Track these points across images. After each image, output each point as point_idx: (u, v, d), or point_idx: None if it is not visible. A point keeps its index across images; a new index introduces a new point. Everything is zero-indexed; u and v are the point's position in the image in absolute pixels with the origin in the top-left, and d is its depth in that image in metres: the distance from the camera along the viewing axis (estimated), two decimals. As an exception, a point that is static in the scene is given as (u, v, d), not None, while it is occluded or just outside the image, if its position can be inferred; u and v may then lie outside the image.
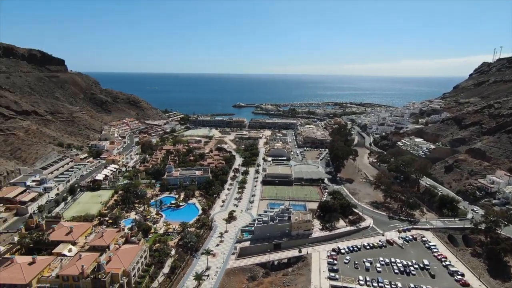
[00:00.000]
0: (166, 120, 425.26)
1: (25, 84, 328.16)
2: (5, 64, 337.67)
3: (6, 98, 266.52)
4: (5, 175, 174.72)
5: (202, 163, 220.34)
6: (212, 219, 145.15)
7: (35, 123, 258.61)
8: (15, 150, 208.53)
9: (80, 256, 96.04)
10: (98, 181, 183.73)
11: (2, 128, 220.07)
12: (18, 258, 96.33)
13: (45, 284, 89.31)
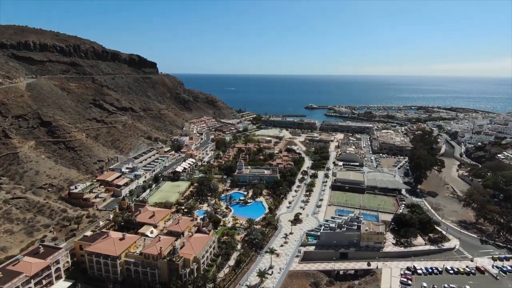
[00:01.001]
0: (239, 120, 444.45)
1: (125, 84, 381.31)
2: (111, 67, 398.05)
3: (111, 96, 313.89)
4: (106, 161, 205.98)
5: (271, 163, 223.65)
6: (277, 219, 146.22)
7: (131, 118, 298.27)
8: (115, 140, 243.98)
9: (159, 239, 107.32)
10: (178, 173, 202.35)
11: (106, 121, 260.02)
12: (112, 233, 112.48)
13: (131, 259, 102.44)
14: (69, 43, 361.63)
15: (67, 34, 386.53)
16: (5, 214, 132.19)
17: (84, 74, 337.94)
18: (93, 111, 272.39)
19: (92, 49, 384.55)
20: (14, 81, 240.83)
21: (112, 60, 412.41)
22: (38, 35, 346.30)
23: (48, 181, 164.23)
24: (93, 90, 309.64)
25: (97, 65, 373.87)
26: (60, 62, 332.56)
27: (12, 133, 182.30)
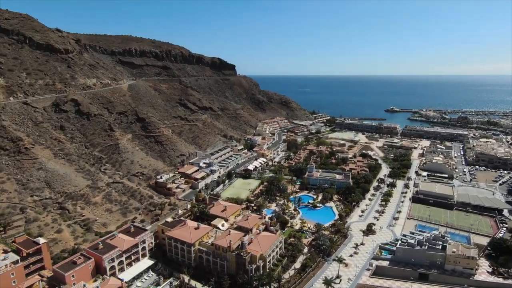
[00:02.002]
0: (312, 121, 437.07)
1: (206, 85, 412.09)
2: (195, 70, 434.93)
3: (194, 97, 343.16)
4: (187, 156, 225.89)
5: (343, 168, 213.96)
6: (348, 227, 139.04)
7: (210, 117, 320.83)
8: (195, 137, 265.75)
9: (229, 232, 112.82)
10: (249, 171, 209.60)
11: (189, 119, 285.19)
12: (189, 222, 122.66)
13: (203, 248, 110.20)
14: (163, 49, 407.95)
15: (161, 41, 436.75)
16: (107, 195, 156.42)
17: (173, 76, 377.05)
18: (178, 109, 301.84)
19: (180, 54, 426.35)
20: (119, 83, 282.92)
21: (196, 63, 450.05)
22: (139, 43, 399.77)
23: (140, 170, 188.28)
24: (179, 91, 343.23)
25: (184, 68, 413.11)
26: (155, 66, 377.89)
27: (116, 126, 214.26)
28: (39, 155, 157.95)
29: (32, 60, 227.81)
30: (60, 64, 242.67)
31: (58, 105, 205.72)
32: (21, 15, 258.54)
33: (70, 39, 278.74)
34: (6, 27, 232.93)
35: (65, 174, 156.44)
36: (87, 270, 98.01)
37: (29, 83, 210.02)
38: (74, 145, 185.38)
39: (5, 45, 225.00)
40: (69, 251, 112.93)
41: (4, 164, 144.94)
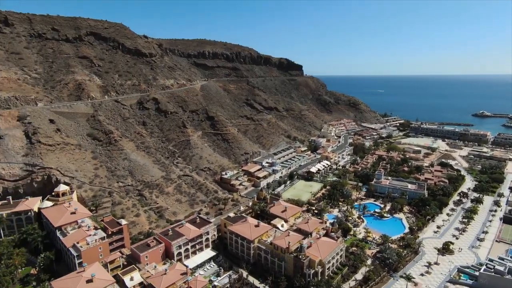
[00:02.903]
0: (383, 125, 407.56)
1: (273, 86, 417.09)
2: (263, 70, 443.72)
3: (260, 97, 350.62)
4: (251, 154, 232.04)
5: (417, 177, 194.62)
6: (419, 242, 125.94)
7: (275, 117, 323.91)
8: (259, 136, 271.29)
9: (289, 233, 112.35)
10: (312, 173, 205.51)
11: (254, 119, 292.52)
12: (249, 219, 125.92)
13: (262, 246, 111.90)
14: (233, 51, 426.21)
15: (232, 43, 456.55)
16: (177, 186, 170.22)
17: (241, 77, 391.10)
18: (245, 109, 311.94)
19: (249, 55, 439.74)
20: (193, 83, 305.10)
21: (264, 64, 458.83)
22: (212, 46, 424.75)
23: (207, 165, 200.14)
24: (246, 91, 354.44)
25: (252, 69, 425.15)
26: (225, 67, 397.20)
27: (188, 124, 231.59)
28: (125, 146, 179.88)
29: (123, 64, 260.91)
30: (145, 66, 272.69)
31: (142, 103, 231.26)
32: (116, 24, 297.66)
33: (154, 44, 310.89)
34: (105, 35, 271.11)
35: (144, 165, 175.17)
36: (158, 253, 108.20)
37: (120, 84, 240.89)
38: (152, 139, 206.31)
39: (104, 50, 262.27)
40: (144, 234, 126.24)
41: (98, 153, 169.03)
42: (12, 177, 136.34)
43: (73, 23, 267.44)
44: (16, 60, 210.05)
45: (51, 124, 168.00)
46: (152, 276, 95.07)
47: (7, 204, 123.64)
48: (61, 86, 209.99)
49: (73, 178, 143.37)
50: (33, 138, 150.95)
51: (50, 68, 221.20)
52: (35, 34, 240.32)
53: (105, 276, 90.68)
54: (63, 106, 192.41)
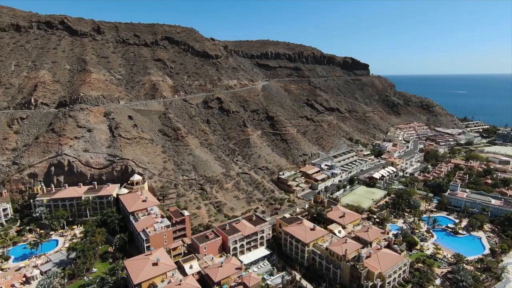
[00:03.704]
0: (462, 130, 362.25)
1: (335, 86, 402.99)
2: (326, 70, 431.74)
3: (321, 97, 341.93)
4: (309, 156, 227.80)
5: (503, 192, 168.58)
6: (504, 267, 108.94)
7: (336, 119, 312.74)
8: (319, 138, 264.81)
9: (346, 241, 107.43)
10: (374, 179, 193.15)
11: (314, 120, 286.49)
12: (305, 221, 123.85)
13: (317, 250, 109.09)
14: (295, 50, 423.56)
15: (294, 43, 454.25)
16: (236, 183, 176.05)
17: (302, 77, 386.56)
18: (305, 109, 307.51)
19: (312, 55, 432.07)
20: (254, 84, 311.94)
21: (327, 64, 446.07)
22: (275, 46, 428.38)
23: (265, 164, 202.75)
24: (307, 91, 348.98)
25: (314, 69, 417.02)
26: (287, 67, 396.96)
27: (248, 123, 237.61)
28: (190, 143, 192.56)
29: (192, 65, 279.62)
30: (211, 67, 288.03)
31: (207, 102, 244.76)
32: (188, 28, 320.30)
33: (220, 46, 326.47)
34: (177, 39, 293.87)
35: (206, 160, 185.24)
36: (215, 245, 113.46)
37: (188, 84, 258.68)
38: (215, 137, 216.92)
39: (176, 53, 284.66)
40: (203, 226, 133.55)
41: (167, 148, 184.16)
42: (98, 165, 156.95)
43: (151, 29, 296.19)
44: (105, 63, 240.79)
45: (129, 120, 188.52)
46: (209, 267, 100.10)
47: (93, 189, 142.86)
48: (139, 86, 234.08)
49: (145, 169, 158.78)
50: (115, 132, 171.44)
51: (131, 70, 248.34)
52: (120, 40, 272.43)
53: (169, 261, 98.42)
54: (140, 104, 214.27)
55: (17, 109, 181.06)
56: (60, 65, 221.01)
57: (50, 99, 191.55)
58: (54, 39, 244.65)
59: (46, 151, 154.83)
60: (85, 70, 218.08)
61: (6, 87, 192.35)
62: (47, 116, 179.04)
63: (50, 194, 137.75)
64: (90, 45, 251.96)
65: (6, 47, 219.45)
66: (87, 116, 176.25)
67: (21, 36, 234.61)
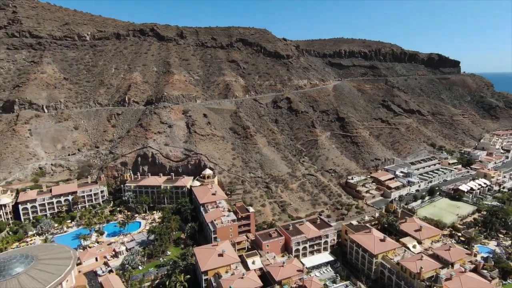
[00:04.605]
0: None
1: (417, 86, 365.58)
2: (406, 68, 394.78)
3: (399, 98, 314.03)
4: (382, 161, 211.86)
5: None
6: None
7: (416, 122, 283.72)
8: (395, 142, 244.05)
9: (421, 257, 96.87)
10: (461, 192, 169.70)
11: (390, 122, 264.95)
12: (374, 231, 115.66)
13: (387, 263, 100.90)
14: (372, 48, 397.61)
15: (371, 40, 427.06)
16: (301, 184, 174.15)
17: (379, 76, 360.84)
18: (380, 111, 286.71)
19: (391, 52, 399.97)
20: (325, 83, 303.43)
21: (408, 61, 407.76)
22: (349, 44, 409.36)
23: (333, 167, 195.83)
24: (384, 91, 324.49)
25: (392, 67, 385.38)
26: (361, 66, 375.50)
27: (317, 124, 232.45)
28: (258, 141, 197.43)
29: (263, 65, 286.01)
30: (281, 67, 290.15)
31: (276, 102, 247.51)
32: (261, 30, 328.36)
33: (291, 46, 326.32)
34: (250, 41, 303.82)
35: (273, 160, 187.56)
36: (278, 244, 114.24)
37: (259, 84, 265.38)
38: (282, 137, 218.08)
39: (248, 54, 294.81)
40: (267, 224, 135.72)
41: (236, 145, 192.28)
42: (175, 158, 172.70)
43: (227, 32, 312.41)
44: (185, 65, 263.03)
45: (204, 118, 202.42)
46: (271, 265, 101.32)
47: (170, 179, 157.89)
48: (214, 86, 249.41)
49: (216, 165, 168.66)
50: (191, 128, 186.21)
51: (207, 71, 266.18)
52: (199, 43, 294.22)
53: (233, 254, 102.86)
54: (214, 103, 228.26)
55: (115, 106, 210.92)
56: (149, 68, 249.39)
57: (140, 97, 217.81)
58: (145, 44, 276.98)
59: (135, 143, 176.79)
60: (169, 72, 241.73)
61: (108, 87, 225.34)
62: (137, 112, 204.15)
63: (136, 181, 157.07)
64: (174, 49, 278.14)
65: (108, 53, 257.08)
66: (168, 114, 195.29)
67: (120, 43, 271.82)
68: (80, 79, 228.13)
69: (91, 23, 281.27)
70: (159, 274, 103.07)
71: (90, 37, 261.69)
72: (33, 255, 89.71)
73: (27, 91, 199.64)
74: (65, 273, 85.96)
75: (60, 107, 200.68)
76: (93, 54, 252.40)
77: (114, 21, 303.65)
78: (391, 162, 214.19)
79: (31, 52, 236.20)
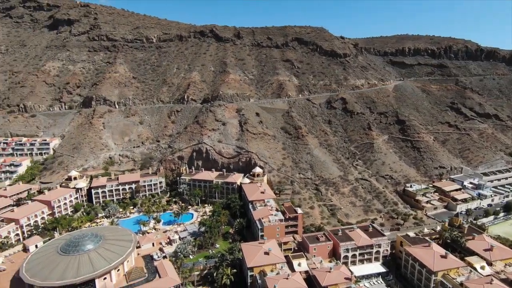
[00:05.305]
0: None
1: (495, 86, 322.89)
2: (482, 67, 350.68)
3: (472, 100, 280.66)
4: (448, 170, 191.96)
5: None
6: None
7: (492, 127, 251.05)
8: (464, 149, 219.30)
9: (491, 281, 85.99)
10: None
11: (460, 127, 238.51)
12: (435, 246, 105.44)
13: (448, 283, 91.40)
14: (441, 45, 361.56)
15: (441, 36, 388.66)
16: (353, 189, 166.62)
17: (448, 76, 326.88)
18: (447, 114, 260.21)
19: (464, 49, 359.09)
20: (385, 83, 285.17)
21: (485, 59, 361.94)
22: (414, 41, 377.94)
23: (389, 173, 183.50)
24: (453, 93, 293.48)
25: (465, 66, 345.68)
26: (427, 65, 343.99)
27: (374, 126, 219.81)
28: (310, 142, 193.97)
29: (318, 65, 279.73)
30: (338, 67, 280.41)
31: (330, 102, 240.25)
32: (317, 28, 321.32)
33: (349, 44, 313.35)
34: (306, 39, 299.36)
35: (324, 161, 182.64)
36: (325, 249, 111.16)
37: (313, 84, 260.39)
38: (335, 138, 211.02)
39: (303, 53, 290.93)
40: (315, 227, 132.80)
41: (287, 145, 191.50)
42: (227, 155, 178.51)
43: (283, 31, 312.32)
44: (241, 65, 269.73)
45: (256, 117, 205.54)
46: (317, 269, 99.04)
47: (222, 175, 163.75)
48: (267, 86, 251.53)
49: (266, 163, 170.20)
50: (243, 126, 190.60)
51: (262, 70, 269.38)
52: (255, 43, 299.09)
53: (279, 254, 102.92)
54: (266, 102, 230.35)
55: (175, 103, 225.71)
56: (207, 67, 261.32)
57: (197, 96, 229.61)
58: (204, 45, 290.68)
59: (191, 139, 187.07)
60: (225, 71, 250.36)
61: (169, 86, 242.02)
62: (194, 110, 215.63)
63: (191, 175, 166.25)
64: (230, 49, 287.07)
65: (171, 54, 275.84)
66: (223, 112, 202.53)
67: (182, 44, 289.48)
68: (146, 78, 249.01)
69: (157, 26, 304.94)
70: (207, 265, 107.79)
71: (156, 39, 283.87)
72: (101, 235, 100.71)
73: (103, 88, 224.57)
74: (127, 254, 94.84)
75: (129, 104, 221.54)
76: (158, 55, 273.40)
77: (178, 23, 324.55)
78: (458, 171, 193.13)
79: (107, 54, 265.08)
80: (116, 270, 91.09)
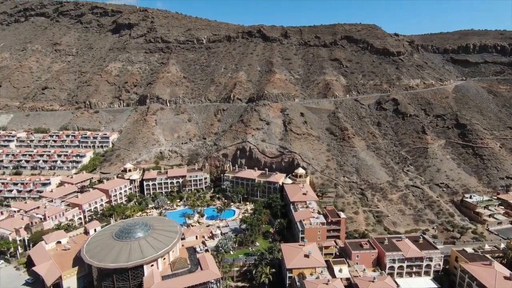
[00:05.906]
0: None
1: None
2: None
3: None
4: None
5: None
6: None
7: None
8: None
9: None
10: None
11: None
12: (497, 265, 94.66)
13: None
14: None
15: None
16: (403, 196, 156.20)
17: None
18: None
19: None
20: (444, 83, 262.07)
21: None
22: (480, 37, 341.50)
23: (445, 181, 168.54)
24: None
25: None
26: (496, 63, 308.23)
27: (429, 130, 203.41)
28: (356, 144, 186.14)
29: (368, 64, 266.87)
30: (390, 66, 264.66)
31: (380, 103, 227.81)
32: (369, 26, 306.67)
33: (404, 41, 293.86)
34: (356, 37, 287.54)
35: (371, 165, 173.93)
36: (369, 257, 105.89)
37: (362, 83, 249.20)
38: (384, 141, 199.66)
39: (353, 52, 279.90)
40: (359, 233, 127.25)
41: (332, 147, 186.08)
42: (270, 154, 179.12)
43: (331, 29, 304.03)
44: (287, 64, 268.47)
45: (301, 117, 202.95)
46: (359, 277, 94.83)
47: (264, 174, 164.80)
48: (313, 85, 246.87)
49: (309, 165, 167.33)
50: (287, 126, 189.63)
51: (308, 70, 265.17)
52: (302, 42, 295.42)
53: (319, 257, 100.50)
54: (312, 102, 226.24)
55: (221, 102, 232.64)
56: (253, 67, 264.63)
57: (243, 95, 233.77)
58: (252, 45, 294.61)
59: (236, 137, 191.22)
60: (271, 71, 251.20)
61: (217, 85, 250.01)
62: (239, 109, 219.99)
63: (234, 173, 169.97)
64: (277, 49, 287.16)
65: (220, 54, 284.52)
66: (267, 111, 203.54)
67: (230, 45, 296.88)
68: (196, 78, 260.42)
69: (207, 27, 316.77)
70: (247, 262, 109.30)
71: (206, 40, 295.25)
72: (150, 224, 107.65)
73: (156, 87, 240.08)
74: (173, 244, 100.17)
75: (179, 102, 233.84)
76: (207, 56, 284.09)
77: (227, 25, 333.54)
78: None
79: (161, 55, 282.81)
80: (162, 258, 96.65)
